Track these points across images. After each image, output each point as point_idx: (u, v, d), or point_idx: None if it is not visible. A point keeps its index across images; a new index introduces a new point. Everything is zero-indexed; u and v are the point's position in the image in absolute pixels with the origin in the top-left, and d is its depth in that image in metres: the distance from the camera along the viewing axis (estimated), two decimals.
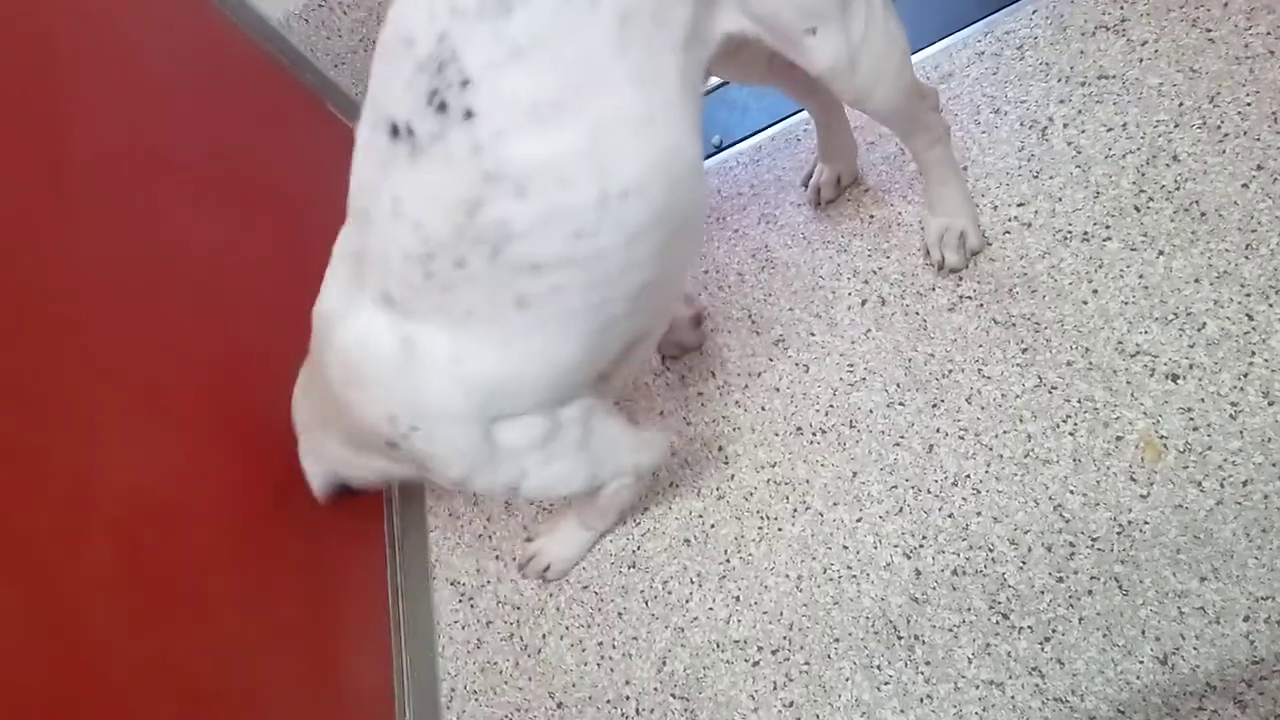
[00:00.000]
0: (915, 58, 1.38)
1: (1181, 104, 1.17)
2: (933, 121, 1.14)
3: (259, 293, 1.38)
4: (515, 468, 0.99)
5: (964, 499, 1.12)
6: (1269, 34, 1.16)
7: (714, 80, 1.55)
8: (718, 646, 1.19)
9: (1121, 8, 1.25)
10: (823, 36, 0.91)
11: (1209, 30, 1.19)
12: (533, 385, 0.92)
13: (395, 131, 0.78)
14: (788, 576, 1.18)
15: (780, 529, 1.21)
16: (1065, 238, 1.17)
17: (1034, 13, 1.31)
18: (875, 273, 1.29)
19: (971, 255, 1.23)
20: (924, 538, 1.12)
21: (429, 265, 0.82)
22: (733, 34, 0.90)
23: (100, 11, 1.26)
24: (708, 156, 1.51)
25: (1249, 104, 1.13)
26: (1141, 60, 1.21)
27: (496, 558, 1.40)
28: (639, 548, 1.29)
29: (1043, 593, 1.04)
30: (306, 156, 1.53)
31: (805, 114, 1.44)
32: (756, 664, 1.15)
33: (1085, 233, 1.16)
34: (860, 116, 1.25)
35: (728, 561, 1.23)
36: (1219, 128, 1.14)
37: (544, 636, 1.31)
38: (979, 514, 1.10)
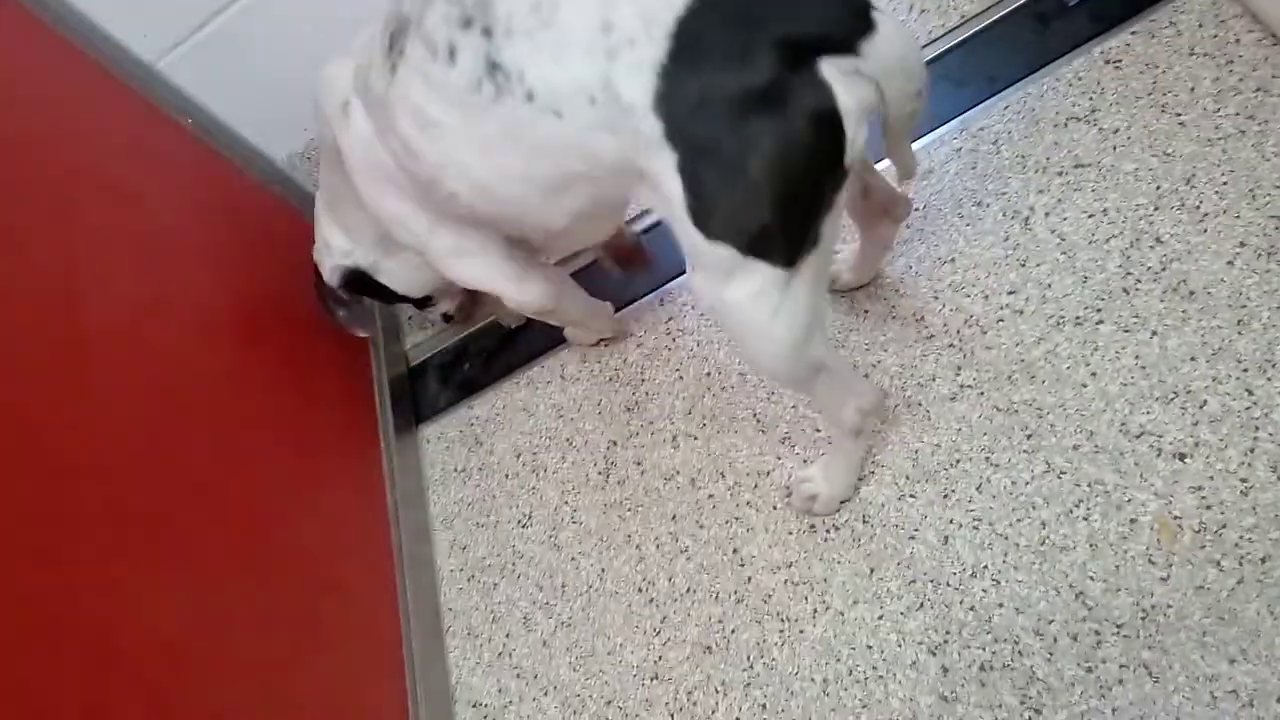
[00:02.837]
0: None
1: (1159, 187, 1.20)
2: (838, 415, 1.12)
3: (274, 421, 1.40)
4: (418, 239, 1.21)
5: (984, 591, 1.11)
6: (1238, 114, 1.20)
7: None
8: None
9: (1090, 99, 1.30)
10: (699, 276, 0.91)
11: (1179, 115, 1.23)
12: (417, 199, 1.13)
13: (385, 23, 1.02)
14: (813, 680, 1.17)
15: (802, 631, 1.20)
16: (1058, 323, 1.19)
17: (1005, 108, 1.36)
18: (874, 366, 1.30)
19: (807, 513, 1.27)
20: (948, 633, 1.11)
21: (369, 89, 1.06)
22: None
23: (114, 159, 1.32)
24: None
25: (1225, 183, 1.17)
26: (1115, 147, 1.25)
27: (518, 676, 1.38)
28: (660, 658, 1.28)
29: (1073, 684, 1.02)
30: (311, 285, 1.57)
31: None
32: None
33: (1077, 317, 1.18)
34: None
35: (751, 668, 1.21)
36: (1198, 208, 1.17)
37: None
38: (1001, 606, 1.09)
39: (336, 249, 1.40)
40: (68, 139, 1.25)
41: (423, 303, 1.60)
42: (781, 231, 0.85)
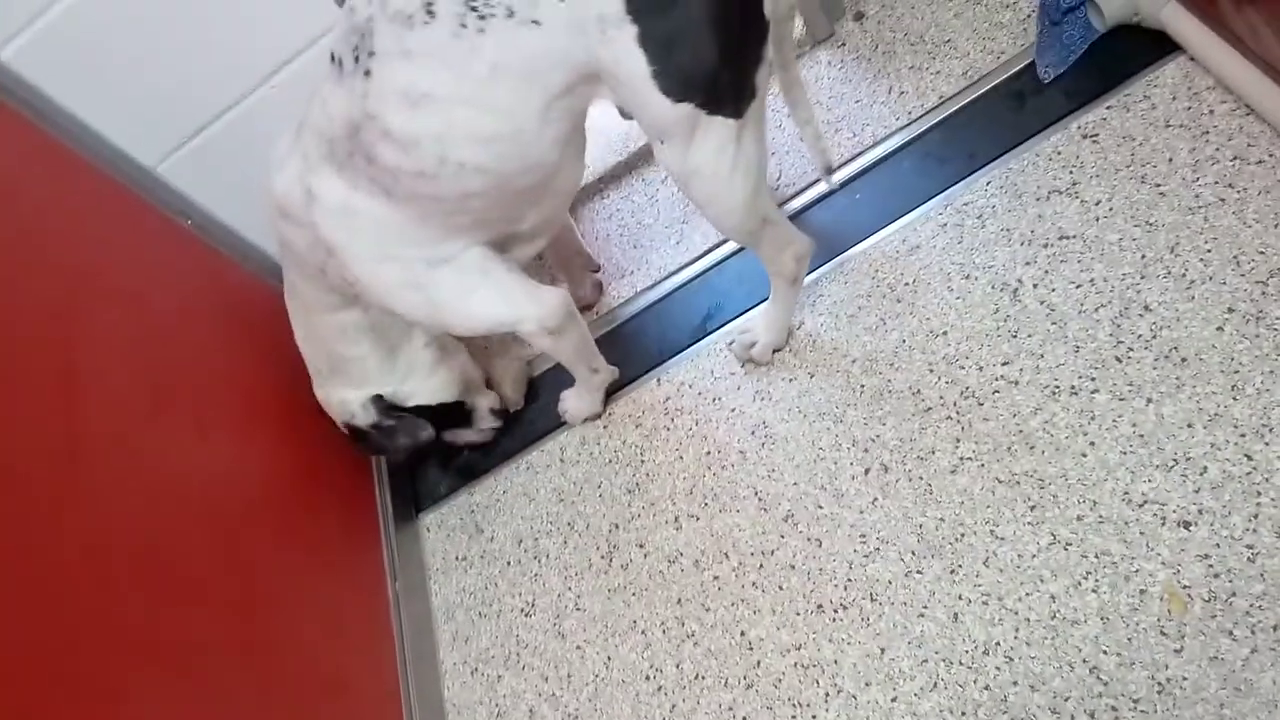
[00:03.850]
0: (879, 235, 1.45)
1: (1144, 256, 1.22)
2: (780, 261, 1.29)
3: (273, 515, 1.39)
4: (423, 294, 1.25)
5: (998, 669, 1.09)
6: (1216, 183, 1.23)
7: (702, 266, 1.62)
8: None
9: (1070, 172, 1.33)
10: (669, 149, 1.10)
11: (1158, 185, 1.26)
12: (413, 239, 1.19)
13: (333, 58, 1.10)
14: None
15: (814, 716, 1.18)
16: (1054, 393, 1.20)
17: (988, 184, 1.39)
18: (874, 440, 1.30)
19: (748, 363, 1.47)
20: (963, 714, 1.09)
21: (331, 146, 1.14)
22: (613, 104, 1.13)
23: (115, 260, 1.34)
24: (697, 339, 1.56)
25: (1209, 250, 1.19)
26: (1098, 219, 1.28)
27: None
28: None
29: None
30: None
31: None
32: None
33: (1072, 386, 1.19)
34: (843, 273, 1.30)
35: None
36: (1184, 275, 1.19)
37: None
38: (1015, 684, 1.08)
39: (354, 397, 1.46)
40: (70, 242, 1.28)
41: (465, 419, 1.61)
42: (729, 81, 1.03)
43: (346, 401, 1.47)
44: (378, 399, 1.46)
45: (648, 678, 1.32)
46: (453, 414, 1.57)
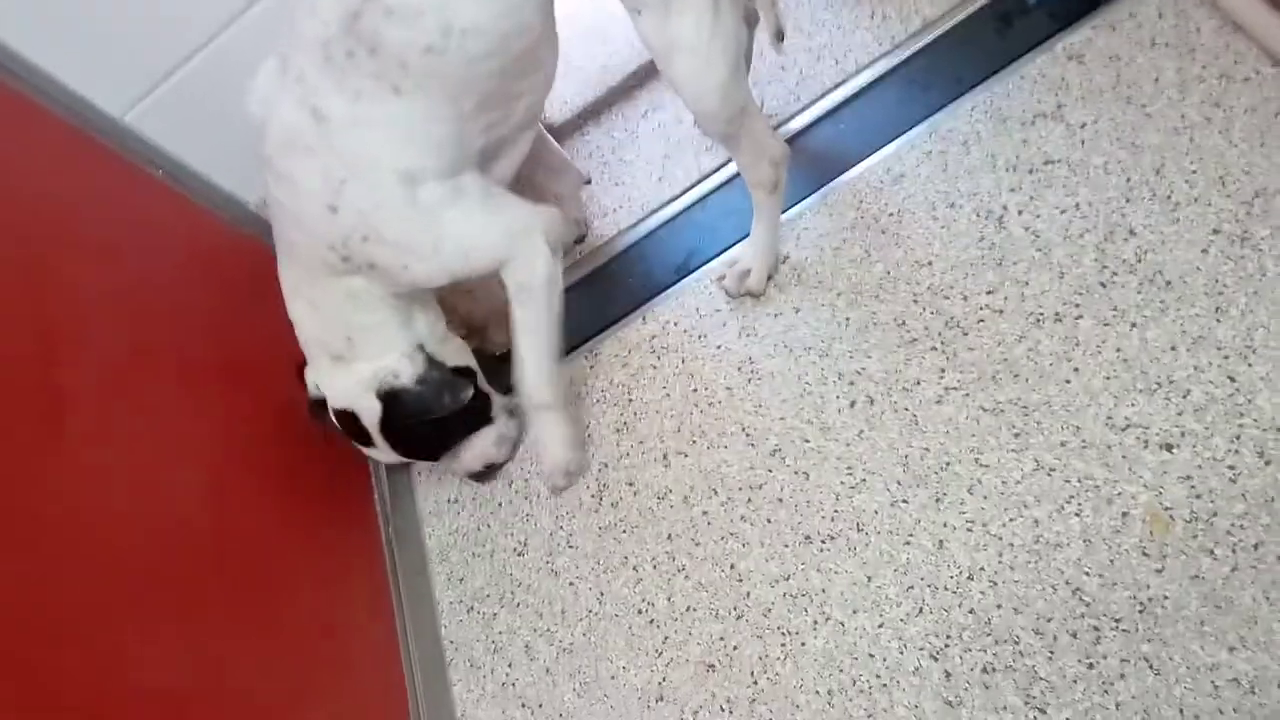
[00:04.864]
0: (863, 165, 1.44)
1: (1129, 179, 1.21)
2: (759, 170, 1.28)
3: (263, 465, 1.39)
4: (436, 221, 1.19)
5: (982, 593, 1.11)
6: (1202, 103, 1.21)
7: (685, 202, 1.60)
8: None
9: (1056, 95, 1.31)
10: (646, 19, 1.10)
11: (1144, 106, 1.24)
12: (424, 148, 1.15)
13: None
14: (818, 693, 1.16)
15: (803, 643, 1.20)
16: (1038, 320, 1.20)
17: (972, 109, 1.36)
18: (859, 373, 1.30)
19: (745, 294, 1.44)
20: (948, 637, 1.11)
21: (327, 51, 1.08)
22: None
23: (86, 214, 1.32)
24: (682, 277, 1.55)
25: (1194, 172, 1.18)
26: (1083, 142, 1.26)
27: (522, 705, 1.37)
28: (664, 679, 1.27)
29: (1075, 682, 1.02)
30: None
31: None
32: None
33: (1057, 313, 1.19)
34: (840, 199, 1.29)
35: (755, 683, 1.21)
36: (1169, 198, 1.18)
37: None
38: (999, 607, 1.10)
39: (393, 356, 1.34)
40: (37, 197, 1.25)
41: (483, 412, 1.50)
42: None
43: (384, 366, 1.33)
44: (421, 347, 1.35)
45: (640, 611, 1.34)
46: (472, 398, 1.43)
